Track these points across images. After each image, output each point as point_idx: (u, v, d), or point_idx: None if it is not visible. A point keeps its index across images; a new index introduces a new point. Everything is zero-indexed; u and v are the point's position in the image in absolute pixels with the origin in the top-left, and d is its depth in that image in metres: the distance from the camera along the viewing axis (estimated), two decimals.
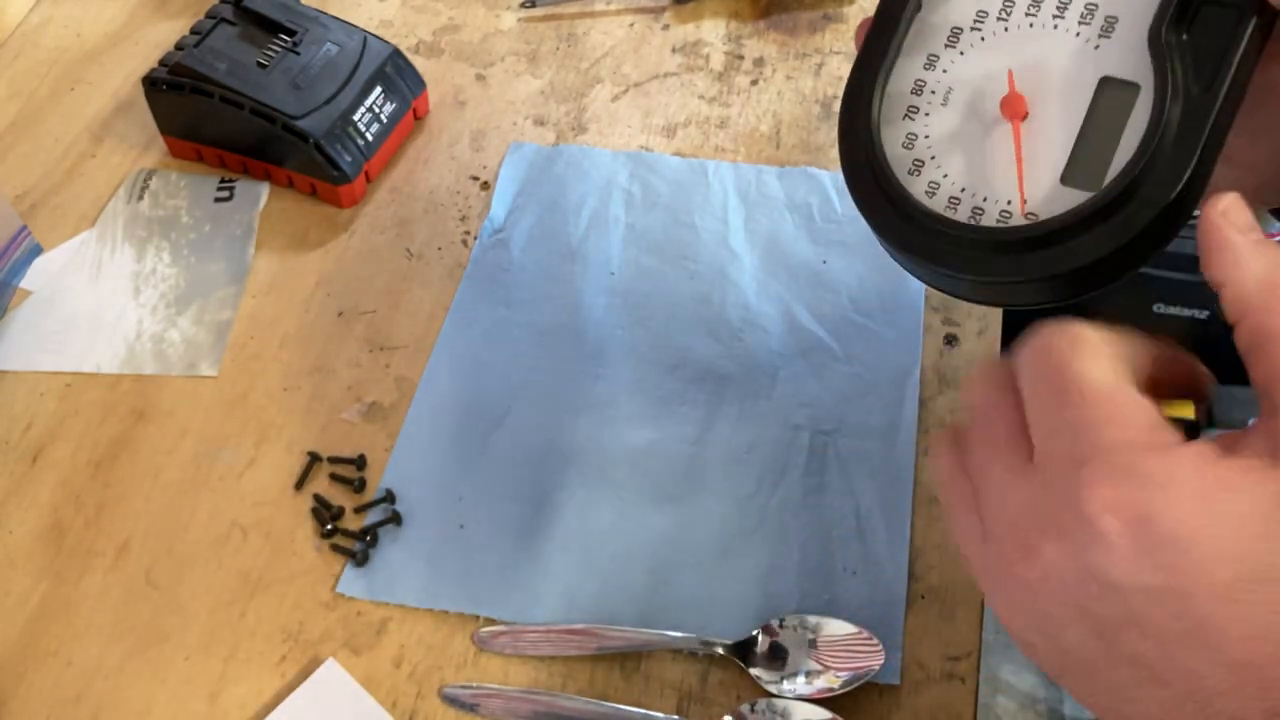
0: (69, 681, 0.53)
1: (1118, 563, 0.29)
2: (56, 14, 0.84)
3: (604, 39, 0.80)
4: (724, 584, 0.54)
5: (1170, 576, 0.29)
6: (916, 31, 0.37)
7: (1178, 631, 0.29)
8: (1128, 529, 0.29)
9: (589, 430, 0.59)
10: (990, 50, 0.36)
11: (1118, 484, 0.29)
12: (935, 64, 0.36)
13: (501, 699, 0.51)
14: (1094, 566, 0.29)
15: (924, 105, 0.36)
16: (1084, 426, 0.30)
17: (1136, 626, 0.29)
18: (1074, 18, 0.35)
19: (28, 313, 0.66)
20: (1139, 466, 0.29)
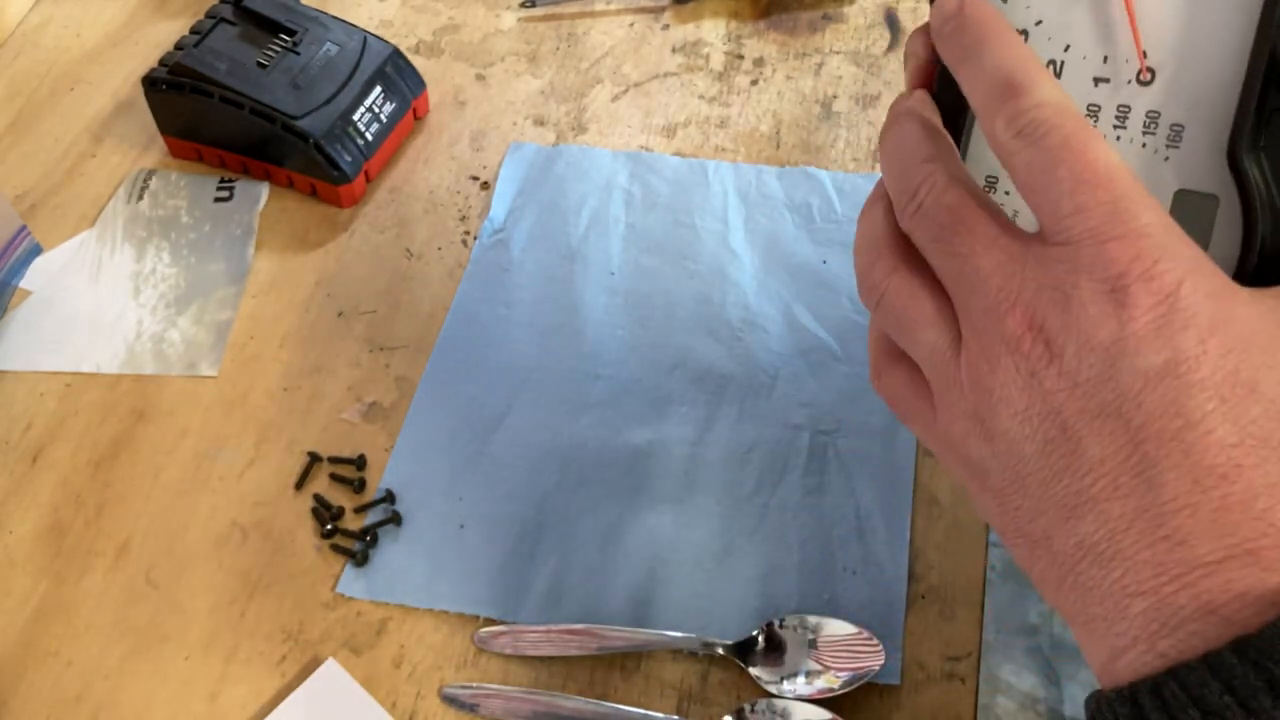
0: (69, 681, 0.53)
1: (1132, 336, 0.28)
2: (56, 14, 0.84)
3: (604, 39, 0.80)
4: (724, 584, 0.54)
5: (1177, 358, 0.27)
6: (975, 147, 0.35)
7: (1157, 423, 0.28)
8: (1155, 304, 0.28)
9: (589, 430, 0.59)
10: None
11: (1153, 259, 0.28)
12: (995, 186, 0.35)
13: (501, 699, 0.51)
14: (1104, 341, 0.28)
15: None
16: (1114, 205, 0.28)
17: (1118, 418, 0.28)
18: (1136, 128, 0.33)
19: (27, 313, 0.66)
20: (1173, 247, 0.28)
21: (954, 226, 0.31)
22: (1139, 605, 0.28)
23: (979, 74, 0.31)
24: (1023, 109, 0.30)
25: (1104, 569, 0.29)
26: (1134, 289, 0.28)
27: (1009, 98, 0.30)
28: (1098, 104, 0.33)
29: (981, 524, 0.55)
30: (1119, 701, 0.28)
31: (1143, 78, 0.32)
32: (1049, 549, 0.30)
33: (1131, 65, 0.32)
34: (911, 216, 0.32)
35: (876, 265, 0.33)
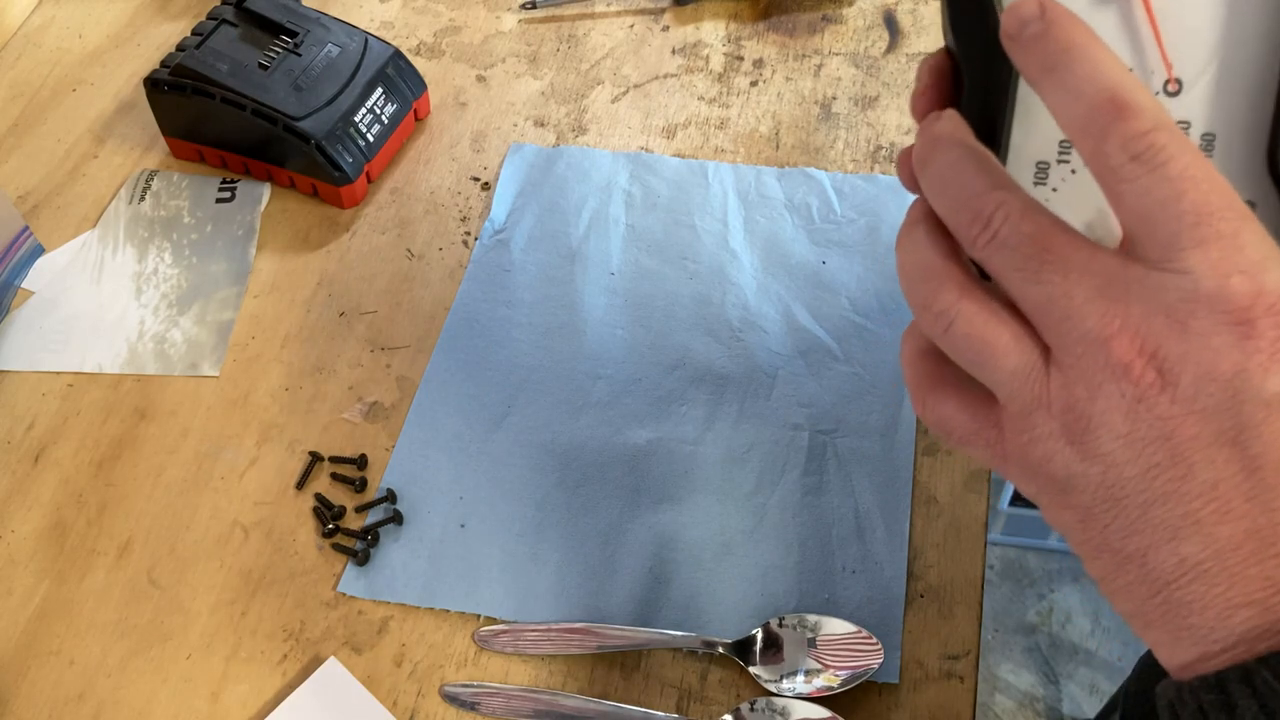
0: (71, 680, 0.53)
1: (1257, 368, 0.27)
2: (58, 15, 0.84)
3: (604, 40, 0.80)
4: (724, 584, 0.54)
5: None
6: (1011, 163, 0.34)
7: (1276, 454, 0.27)
8: (1278, 337, 0.27)
9: (589, 430, 0.59)
10: (1083, 186, 0.33)
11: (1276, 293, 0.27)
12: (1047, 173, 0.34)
13: (502, 698, 0.51)
14: (1227, 372, 0.27)
15: None
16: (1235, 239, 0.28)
17: (1235, 445, 0.28)
18: None
19: (30, 313, 0.67)
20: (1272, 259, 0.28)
21: (1041, 255, 0.30)
22: (1243, 614, 0.28)
23: (1073, 90, 0.29)
24: (1139, 132, 0.28)
25: (1208, 585, 0.29)
26: (1260, 323, 0.28)
27: (1119, 119, 0.28)
28: None
29: (980, 523, 0.56)
30: (1204, 688, 0.28)
31: (1170, 89, 0.32)
32: (1142, 565, 0.30)
33: (1159, 76, 0.32)
34: (985, 246, 0.31)
35: (941, 293, 0.32)
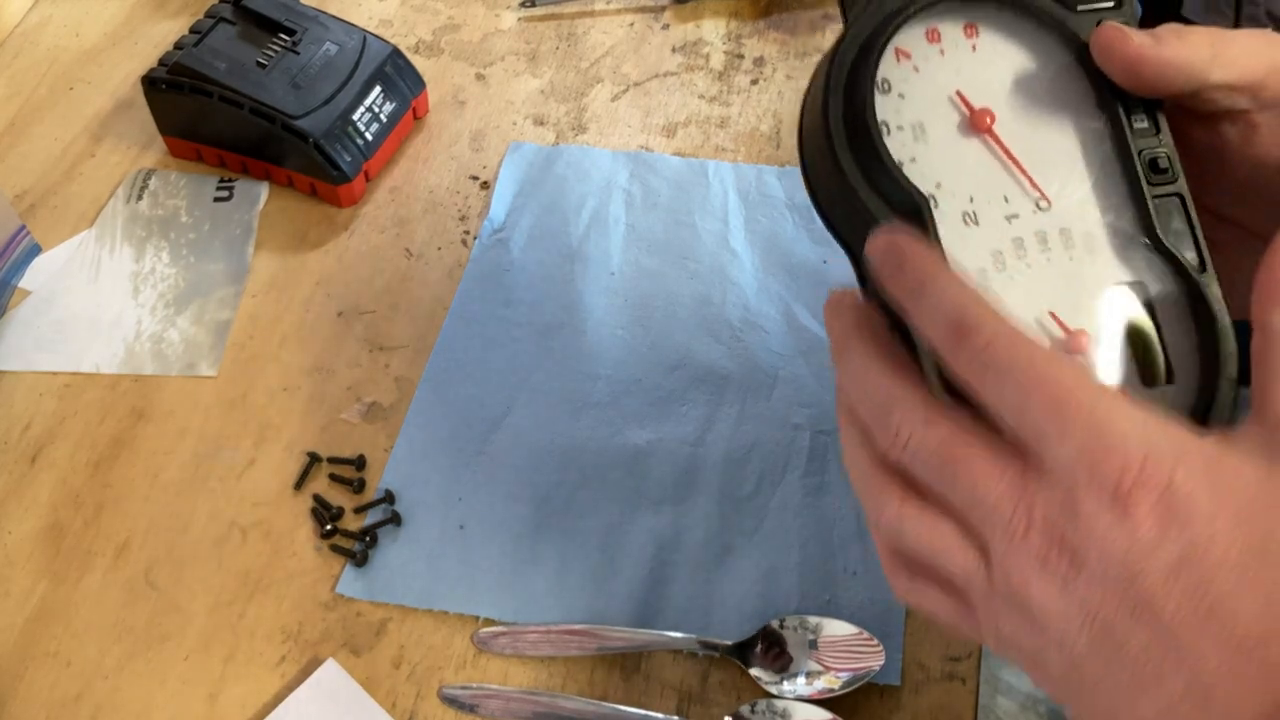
0: (68, 681, 0.52)
1: (1143, 540, 0.29)
2: (55, 13, 0.84)
3: (604, 38, 0.80)
4: (724, 584, 0.54)
5: (1190, 548, 0.29)
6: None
7: (1188, 611, 0.29)
8: (1154, 504, 0.29)
9: (589, 430, 0.59)
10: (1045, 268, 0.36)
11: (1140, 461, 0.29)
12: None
13: (501, 699, 0.51)
14: (1121, 549, 0.29)
15: None
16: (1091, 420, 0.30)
17: (1150, 611, 0.29)
18: (1058, 246, 0.36)
19: (27, 312, 0.66)
20: (1154, 441, 0.29)
21: (949, 464, 0.32)
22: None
23: (927, 316, 0.32)
24: (979, 346, 0.31)
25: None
26: (1133, 495, 0.29)
27: (963, 338, 0.31)
28: (1019, 236, 0.36)
29: None
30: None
31: (1042, 204, 0.36)
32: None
33: (1030, 195, 0.36)
34: (900, 454, 0.33)
35: (882, 502, 0.34)
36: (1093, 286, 0.36)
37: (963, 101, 0.36)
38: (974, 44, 0.37)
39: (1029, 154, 0.36)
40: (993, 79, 0.37)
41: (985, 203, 0.36)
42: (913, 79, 0.36)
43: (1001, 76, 0.37)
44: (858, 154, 0.35)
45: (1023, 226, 0.36)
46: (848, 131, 0.35)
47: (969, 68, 0.37)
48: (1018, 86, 0.37)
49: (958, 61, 0.37)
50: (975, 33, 0.37)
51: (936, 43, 0.37)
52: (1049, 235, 0.36)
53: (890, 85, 0.36)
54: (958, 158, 0.36)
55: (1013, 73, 0.37)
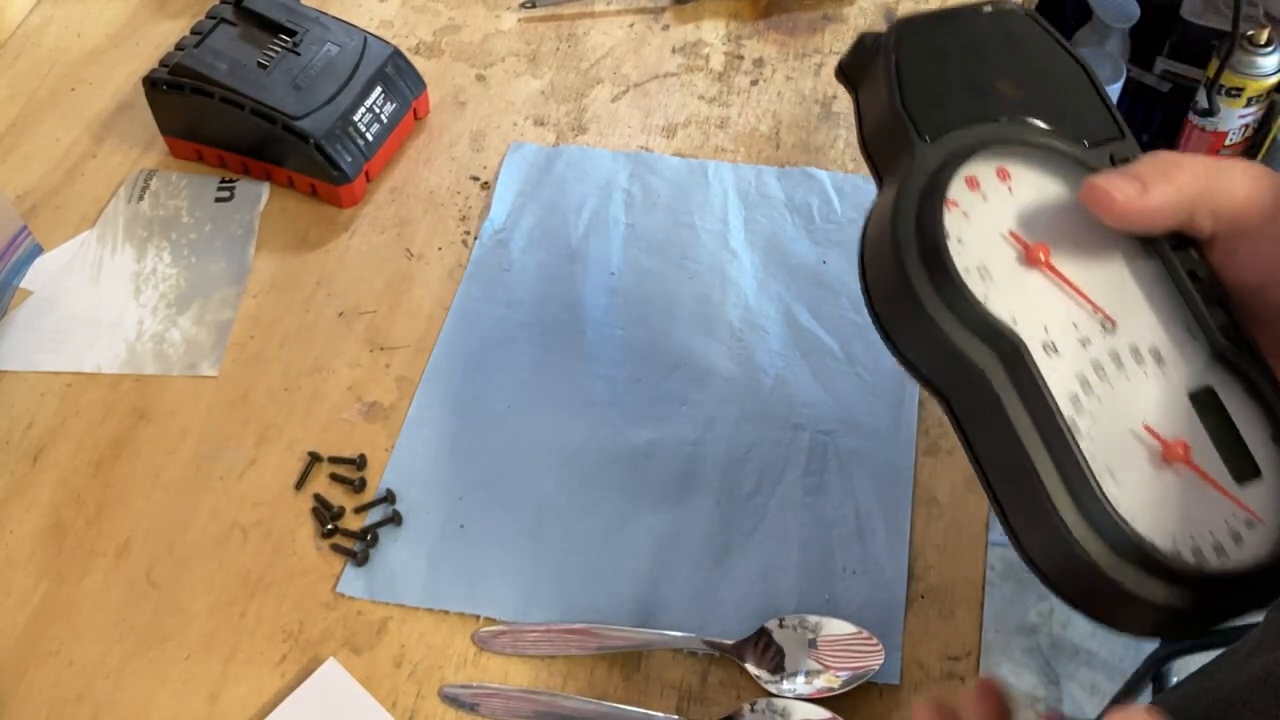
0: (69, 681, 0.53)
1: None
2: (57, 14, 0.84)
3: (604, 39, 0.80)
4: (724, 584, 0.54)
5: None
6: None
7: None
8: None
9: (589, 430, 0.59)
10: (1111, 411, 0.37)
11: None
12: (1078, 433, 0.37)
13: (501, 698, 0.51)
14: None
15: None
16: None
17: None
18: (1131, 363, 0.37)
19: (28, 313, 0.66)
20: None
21: None
22: None
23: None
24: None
25: None
26: None
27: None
28: (1096, 359, 0.37)
29: (981, 524, 0.55)
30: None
31: (1108, 325, 0.38)
32: None
33: (1095, 319, 0.38)
34: None
35: None
36: (1171, 396, 0.37)
37: (1016, 239, 0.39)
38: (1009, 186, 0.39)
39: (1085, 279, 0.38)
40: (1035, 212, 0.39)
41: (1059, 332, 0.37)
42: (967, 225, 0.38)
43: (1042, 209, 0.39)
44: (946, 302, 0.37)
45: (1096, 350, 0.37)
46: (932, 283, 0.37)
47: (1012, 206, 0.39)
48: (1059, 215, 0.39)
49: (1000, 203, 0.39)
50: (1007, 175, 0.39)
51: (977, 189, 0.39)
52: (1121, 354, 0.37)
53: (949, 233, 0.38)
54: (1025, 292, 0.38)
55: (1050, 203, 0.39)
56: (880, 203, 0.40)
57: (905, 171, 0.39)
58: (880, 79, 0.42)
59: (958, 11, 0.43)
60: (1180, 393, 0.37)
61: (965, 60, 0.42)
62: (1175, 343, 0.38)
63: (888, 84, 0.41)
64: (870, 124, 0.43)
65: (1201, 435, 0.37)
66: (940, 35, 0.42)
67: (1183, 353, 0.38)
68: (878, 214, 0.40)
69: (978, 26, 0.43)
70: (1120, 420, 0.37)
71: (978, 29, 0.42)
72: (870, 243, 0.40)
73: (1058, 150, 0.40)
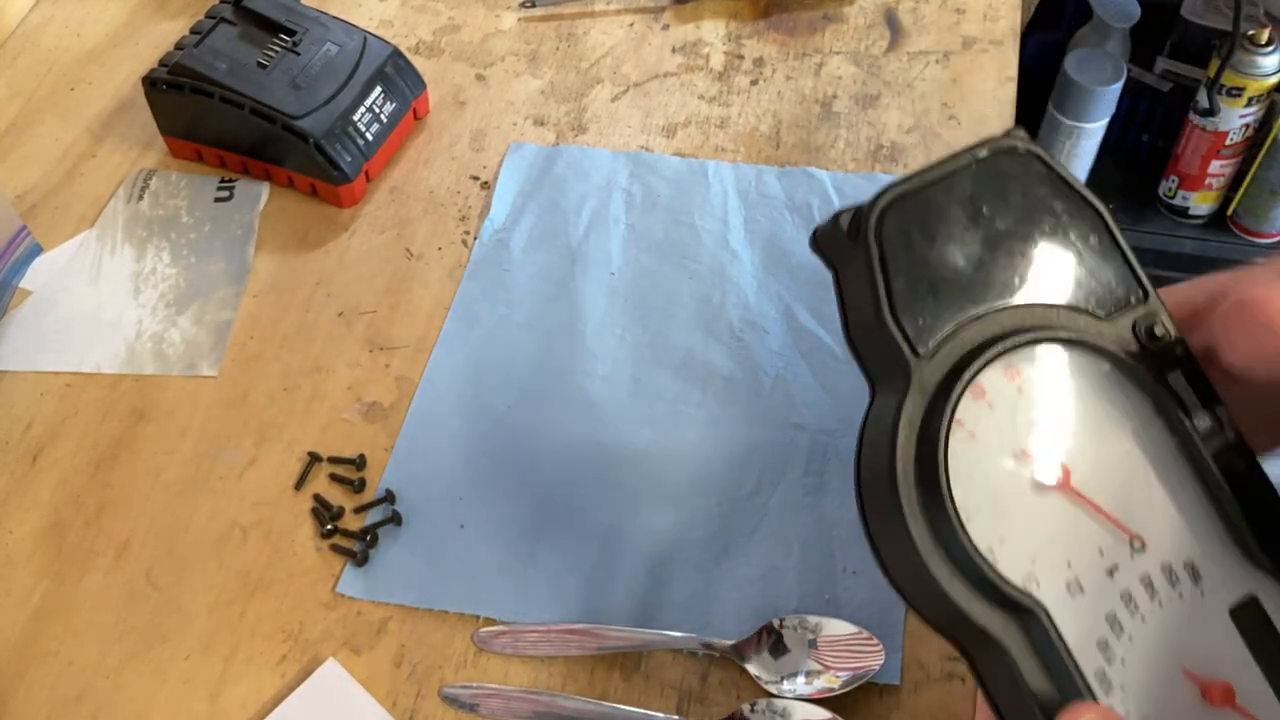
0: (69, 681, 0.53)
1: None
2: (57, 14, 0.84)
3: (604, 39, 0.80)
4: (724, 584, 0.54)
5: None
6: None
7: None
8: None
9: (589, 430, 0.59)
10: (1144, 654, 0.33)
11: None
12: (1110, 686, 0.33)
13: (501, 699, 0.51)
14: None
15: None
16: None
17: None
18: (1165, 587, 0.34)
19: (28, 313, 0.66)
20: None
21: None
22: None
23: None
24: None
25: None
26: None
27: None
28: (1126, 590, 0.33)
29: None
30: None
31: (1136, 545, 0.34)
32: None
33: (1123, 541, 0.34)
34: None
35: None
36: (1211, 620, 0.33)
37: (1030, 459, 0.33)
38: (1019, 385, 0.34)
39: (1109, 493, 0.34)
40: (1049, 417, 0.34)
41: (1084, 564, 0.33)
42: (973, 449, 0.33)
43: (1056, 411, 0.34)
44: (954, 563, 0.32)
45: (1126, 578, 0.33)
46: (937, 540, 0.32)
47: (1023, 415, 0.34)
48: (1074, 419, 0.34)
49: (1009, 411, 0.34)
50: (1016, 374, 0.34)
51: (983, 398, 0.34)
52: (1153, 578, 0.33)
53: (955, 467, 0.32)
54: (1043, 523, 0.33)
55: (1065, 404, 0.34)
56: (874, 427, 0.35)
57: (899, 392, 0.34)
58: (863, 275, 0.36)
59: (948, 169, 0.36)
60: (1221, 611, 0.33)
61: (960, 230, 0.36)
62: (1211, 552, 0.34)
63: (872, 288, 0.35)
64: (855, 321, 0.37)
65: (1247, 659, 0.33)
66: (929, 204, 0.36)
67: (1221, 562, 0.34)
68: (872, 442, 0.35)
69: (972, 180, 0.36)
70: (1156, 663, 0.32)
71: (972, 184, 0.36)
72: (866, 476, 0.35)
73: (1071, 339, 0.34)
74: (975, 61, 0.77)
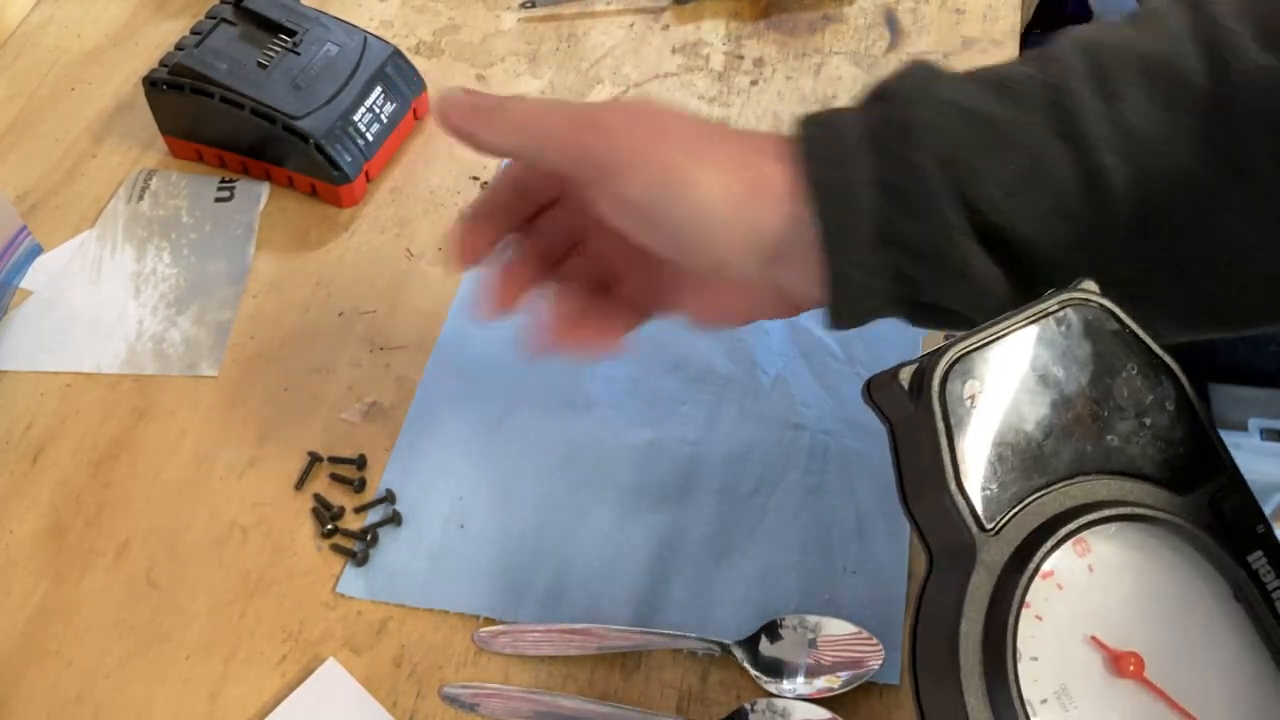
0: (69, 681, 0.53)
1: None
2: (57, 14, 0.84)
3: (604, 39, 0.80)
4: (724, 584, 0.54)
5: None
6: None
7: None
8: None
9: (589, 430, 0.59)
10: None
11: None
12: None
13: (502, 699, 0.51)
14: None
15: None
16: None
17: None
18: None
19: (28, 313, 0.66)
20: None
21: None
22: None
23: None
24: None
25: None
26: None
27: None
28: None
29: None
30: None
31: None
32: None
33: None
34: None
35: None
36: None
37: (1100, 645, 0.32)
38: (1089, 563, 0.32)
39: (1182, 684, 0.32)
40: (1120, 601, 0.32)
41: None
42: (1041, 631, 0.31)
43: (1128, 593, 0.32)
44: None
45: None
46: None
47: (1093, 597, 0.32)
48: (1149, 602, 0.32)
49: (1079, 593, 0.32)
50: (1086, 549, 0.32)
51: (1050, 577, 0.32)
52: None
53: (1023, 653, 0.31)
54: (1114, 712, 0.31)
55: (1139, 586, 0.32)
56: (934, 600, 0.33)
57: (964, 570, 0.32)
58: (926, 440, 0.34)
59: (1016, 325, 0.34)
60: None
61: (1029, 394, 0.33)
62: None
63: (936, 454, 0.33)
64: (913, 485, 0.36)
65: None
66: (996, 364, 0.33)
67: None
68: (932, 618, 0.33)
69: (1041, 337, 0.34)
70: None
71: (1041, 341, 0.34)
72: (925, 646, 0.33)
73: (1145, 516, 0.33)
74: (975, 62, 0.76)
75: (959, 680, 0.31)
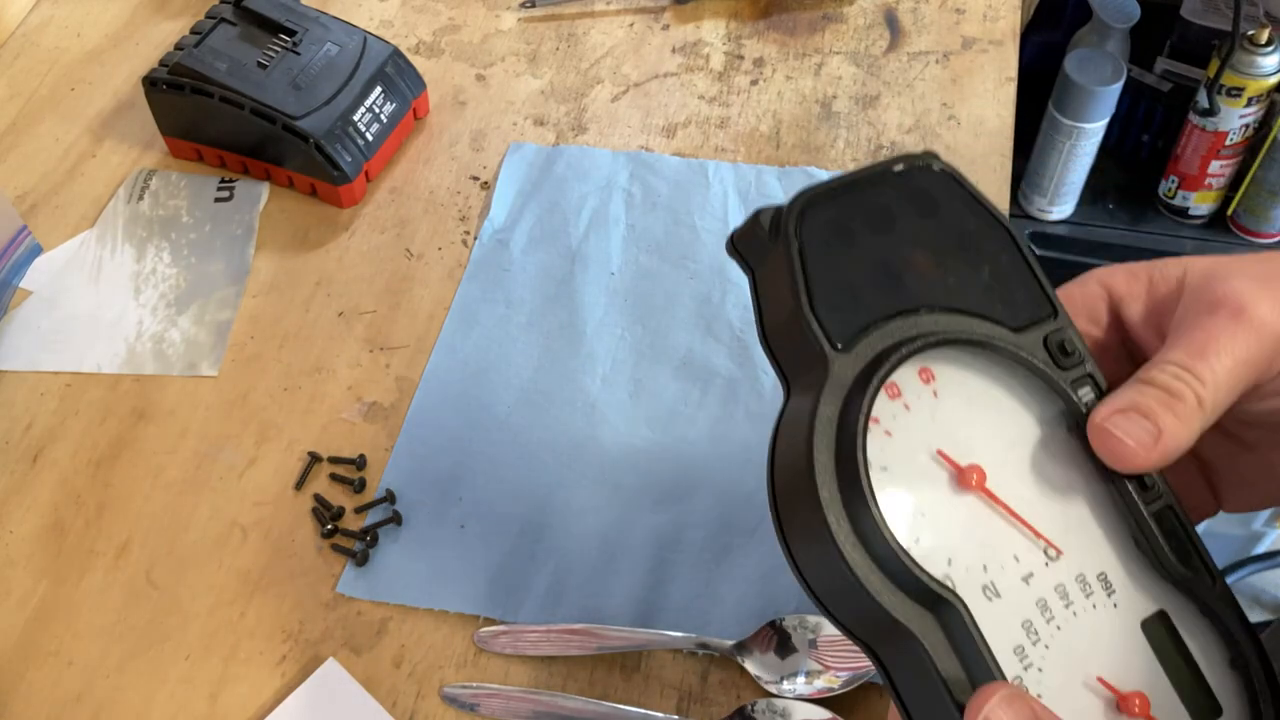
0: (69, 681, 0.53)
1: None
2: (57, 14, 0.84)
3: (604, 39, 0.80)
4: (724, 584, 0.54)
5: None
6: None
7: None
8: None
9: (589, 430, 0.59)
10: (1060, 661, 0.33)
11: None
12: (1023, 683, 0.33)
13: (501, 699, 0.51)
14: None
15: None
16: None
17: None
18: (1079, 597, 0.34)
19: (28, 313, 0.66)
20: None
21: None
22: None
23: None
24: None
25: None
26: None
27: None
28: (1041, 598, 0.33)
29: None
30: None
31: (1051, 553, 0.34)
32: None
33: (1039, 546, 0.34)
34: None
35: None
36: (1124, 629, 0.34)
37: (946, 459, 0.34)
38: (934, 389, 0.35)
39: (1024, 501, 0.34)
40: (964, 421, 0.35)
41: (999, 569, 0.33)
42: (890, 446, 0.34)
43: (970, 415, 0.35)
44: (873, 558, 0.32)
45: (1041, 585, 0.33)
46: (857, 535, 0.32)
47: (938, 416, 0.34)
48: (989, 423, 0.35)
49: (925, 413, 0.34)
50: (931, 376, 0.35)
51: (898, 397, 0.34)
52: (1068, 587, 0.34)
53: (873, 463, 0.33)
54: (959, 524, 0.33)
55: (979, 408, 0.35)
56: (790, 423, 0.35)
57: (817, 387, 0.34)
58: (782, 272, 0.36)
59: (865, 177, 0.37)
60: (1133, 624, 0.34)
61: (876, 237, 0.36)
62: (1124, 564, 0.34)
63: (792, 282, 0.35)
64: (772, 320, 0.37)
65: (1158, 672, 0.34)
66: (847, 209, 0.36)
67: (1133, 575, 0.34)
68: (788, 437, 0.35)
69: (888, 191, 0.37)
70: (1071, 670, 0.33)
71: (888, 194, 0.37)
72: (781, 472, 0.36)
73: (985, 343, 0.35)
74: (975, 62, 0.77)
75: (814, 485, 0.33)
